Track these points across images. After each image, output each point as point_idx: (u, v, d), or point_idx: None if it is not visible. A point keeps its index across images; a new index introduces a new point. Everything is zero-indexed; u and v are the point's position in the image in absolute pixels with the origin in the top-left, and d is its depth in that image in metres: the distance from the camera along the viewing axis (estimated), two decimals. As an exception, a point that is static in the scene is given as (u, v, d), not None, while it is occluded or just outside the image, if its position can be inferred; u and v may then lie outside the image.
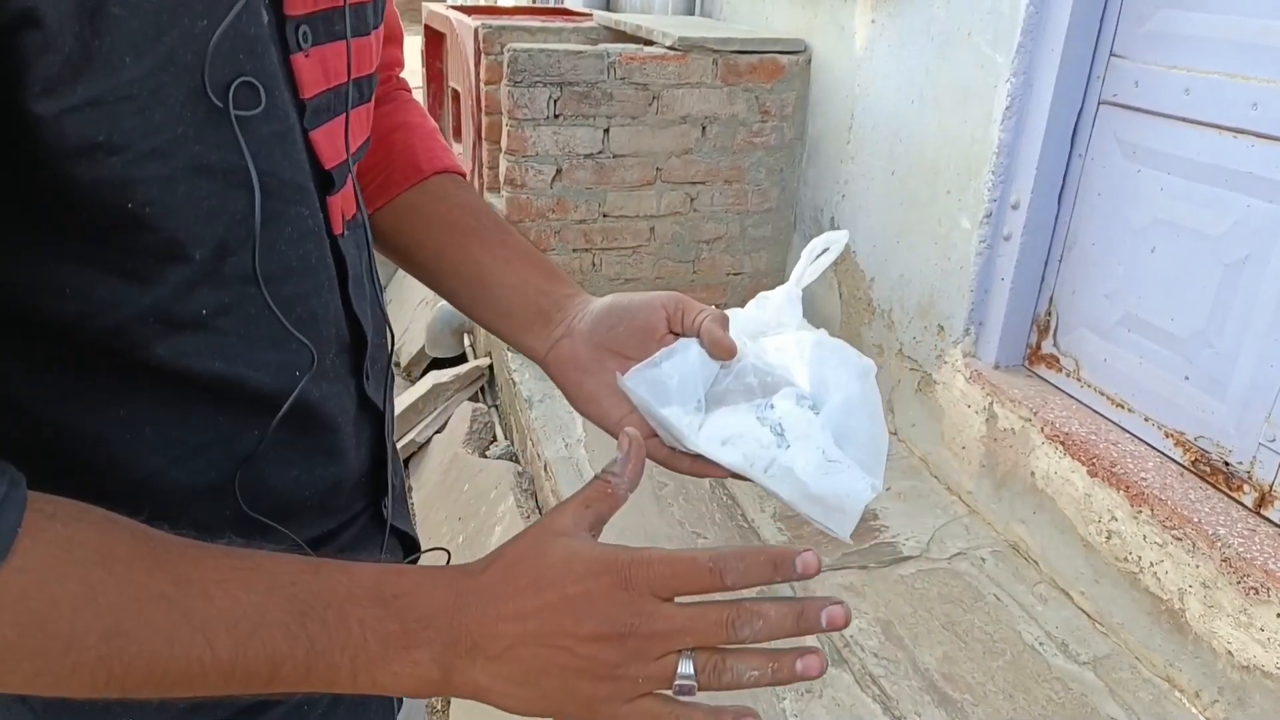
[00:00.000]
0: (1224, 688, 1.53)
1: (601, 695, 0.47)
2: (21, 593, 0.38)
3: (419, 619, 0.46)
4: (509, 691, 0.47)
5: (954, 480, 2.23)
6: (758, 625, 0.47)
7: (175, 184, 0.43)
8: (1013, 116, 1.99)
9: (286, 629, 0.44)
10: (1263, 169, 1.57)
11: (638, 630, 0.46)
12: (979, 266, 2.13)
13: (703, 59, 2.71)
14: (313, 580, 0.45)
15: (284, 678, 0.44)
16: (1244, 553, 1.50)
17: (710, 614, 0.47)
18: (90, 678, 0.41)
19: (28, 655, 0.39)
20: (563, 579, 0.47)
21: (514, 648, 0.47)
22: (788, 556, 0.48)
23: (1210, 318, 1.69)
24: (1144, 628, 1.69)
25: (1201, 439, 1.72)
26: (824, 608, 0.48)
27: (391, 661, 0.46)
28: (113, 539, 0.42)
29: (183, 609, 0.42)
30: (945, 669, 1.65)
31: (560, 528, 0.50)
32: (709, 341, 0.64)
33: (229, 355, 0.50)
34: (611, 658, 0.46)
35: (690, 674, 0.47)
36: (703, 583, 0.47)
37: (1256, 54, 1.57)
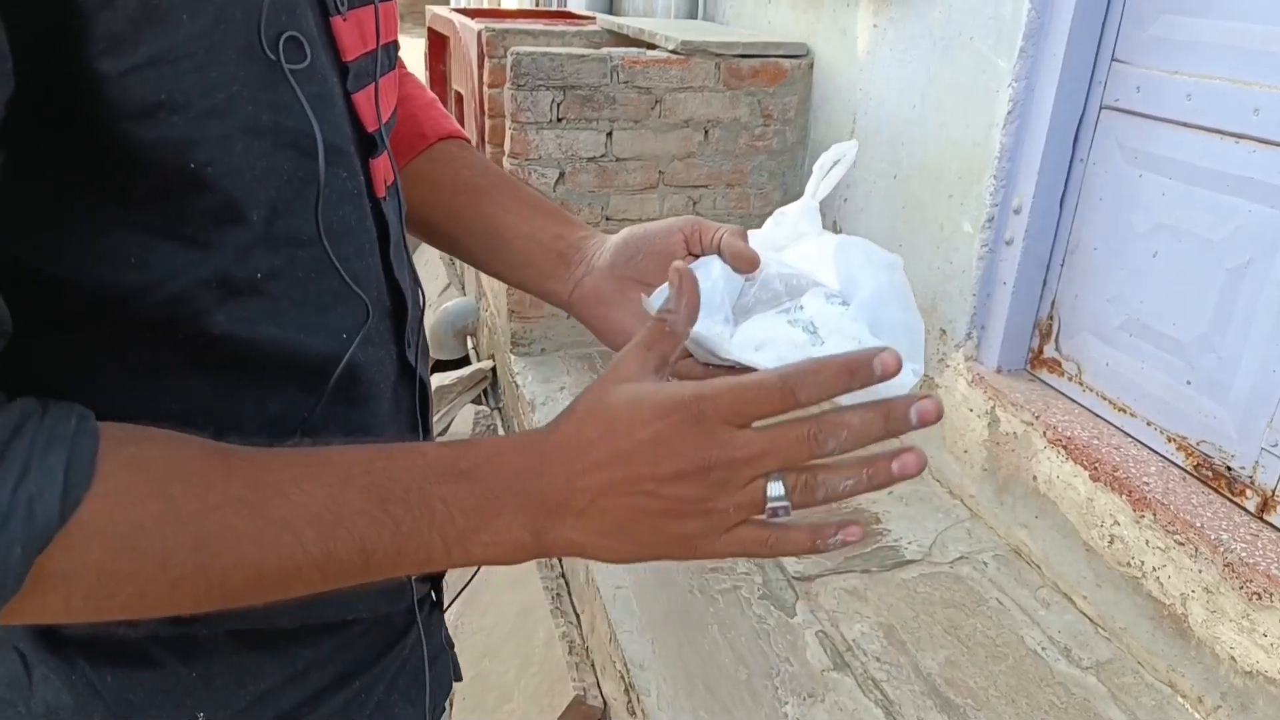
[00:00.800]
0: (1227, 693, 1.53)
1: (695, 531, 0.46)
2: (109, 516, 0.39)
3: (499, 487, 0.46)
4: (603, 544, 0.47)
5: (956, 484, 2.23)
6: (842, 435, 0.46)
7: (233, 143, 0.44)
8: (1015, 121, 2.00)
9: (370, 515, 0.44)
10: (1264, 174, 1.57)
11: (717, 461, 0.45)
12: (981, 270, 2.13)
13: (705, 63, 2.72)
14: (388, 465, 0.45)
15: (378, 563, 0.44)
16: (1247, 558, 1.50)
17: (790, 431, 0.45)
18: (192, 591, 0.41)
19: (127, 577, 0.40)
20: (631, 424, 0.46)
21: (597, 500, 0.46)
22: (864, 360, 0.46)
23: (1212, 322, 1.69)
24: (1147, 633, 1.70)
25: (1204, 443, 1.72)
26: (911, 404, 0.46)
27: (481, 531, 0.46)
28: (183, 453, 0.42)
29: (263, 510, 0.42)
30: (947, 673, 1.65)
31: (624, 374, 0.49)
32: (730, 255, 0.63)
33: (282, 320, 0.50)
34: (696, 493, 0.45)
35: (781, 494, 0.46)
36: (775, 403, 0.45)
37: (1258, 60, 1.57)
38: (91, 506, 0.38)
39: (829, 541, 0.48)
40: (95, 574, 0.39)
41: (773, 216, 0.67)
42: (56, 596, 0.39)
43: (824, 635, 1.73)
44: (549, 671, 1.91)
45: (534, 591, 2.14)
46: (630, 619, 1.76)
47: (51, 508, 0.37)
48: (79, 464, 0.39)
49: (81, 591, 0.40)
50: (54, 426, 0.39)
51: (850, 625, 1.76)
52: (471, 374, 3.36)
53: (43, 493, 0.37)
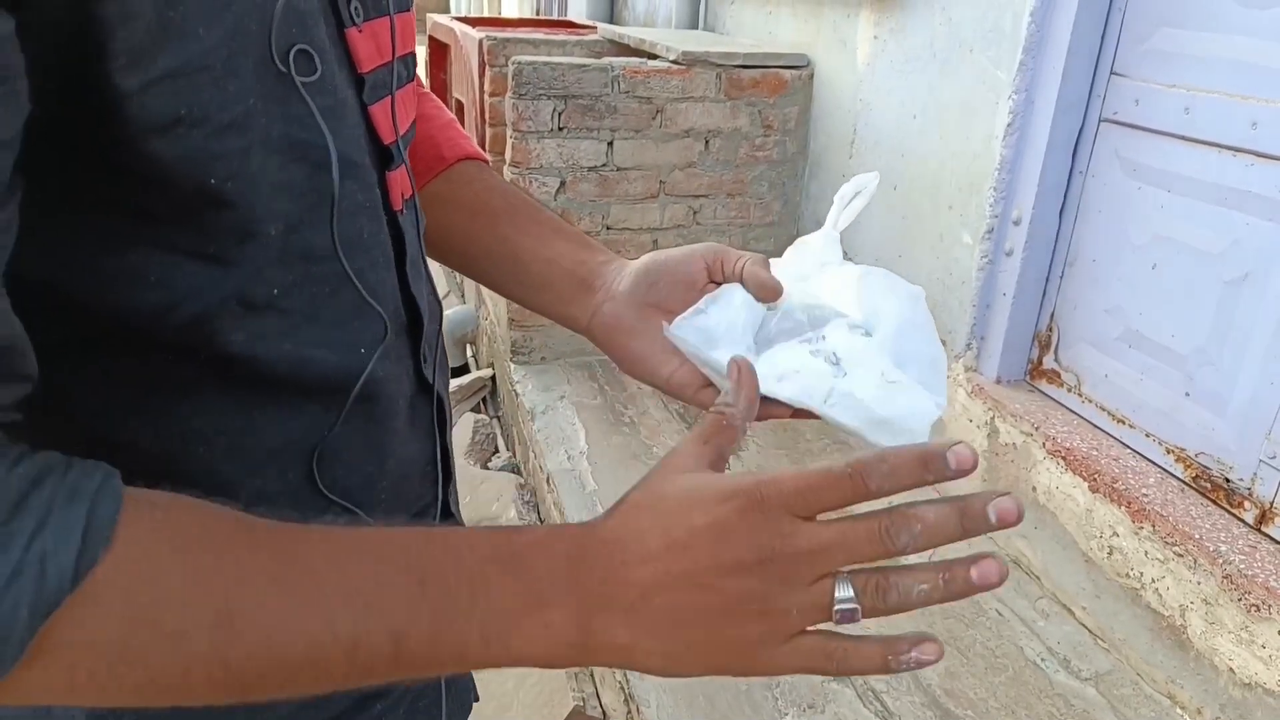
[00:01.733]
0: (1225, 705, 1.54)
1: (754, 637, 0.42)
2: (127, 585, 0.36)
3: (547, 576, 0.43)
4: (654, 648, 0.43)
5: (955, 494, 2.23)
6: (916, 529, 0.42)
7: (251, 157, 0.43)
8: (1014, 133, 2.01)
9: (408, 597, 0.41)
10: (1262, 188, 1.58)
11: (780, 552, 0.41)
12: (980, 281, 2.14)
13: (706, 73, 2.73)
14: (427, 546, 0.43)
15: (410, 652, 0.41)
16: (1245, 569, 1.50)
17: (860, 525, 0.42)
18: (206, 674, 0.38)
19: (138, 656, 0.37)
20: (689, 513, 0.43)
21: (648, 595, 0.42)
22: (938, 451, 0.42)
23: (1211, 334, 1.70)
24: (1145, 644, 1.70)
25: (1202, 455, 1.73)
26: (990, 501, 0.42)
27: (523, 624, 0.42)
28: (213, 521, 0.40)
29: (293, 587, 0.39)
30: (947, 684, 1.65)
31: (680, 466, 0.46)
32: (753, 284, 0.62)
33: (298, 336, 0.49)
34: (756, 588, 0.42)
35: (850, 596, 0.42)
36: (844, 493, 0.42)
37: (1256, 74, 1.58)
38: (108, 570, 0.36)
39: (902, 660, 0.44)
40: (105, 647, 0.36)
41: (794, 245, 0.67)
42: (60, 671, 0.36)
43: (823, 645, 1.73)
44: (548, 682, 1.91)
45: (533, 600, 2.15)
46: (630, 629, 1.76)
47: (66, 567, 0.34)
48: (100, 523, 0.36)
49: (87, 668, 0.36)
50: (76, 482, 0.36)
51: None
52: (471, 382, 3.37)
53: (58, 550, 0.34)
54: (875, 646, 0.43)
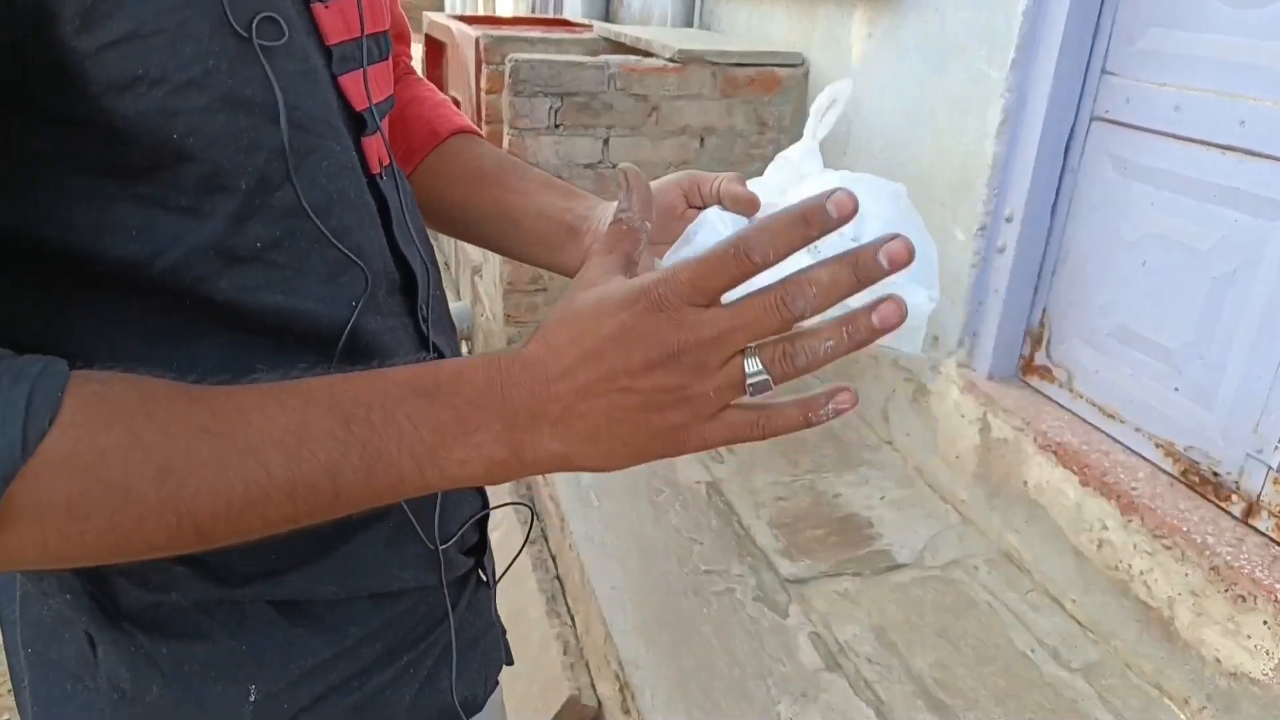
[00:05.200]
0: (1212, 694, 1.56)
1: (679, 421, 0.45)
2: (72, 448, 0.39)
3: (468, 402, 0.45)
4: (588, 450, 0.46)
5: (948, 489, 2.26)
6: (811, 293, 0.43)
7: (213, 114, 0.46)
8: (1007, 131, 2.03)
9: (334, 436, 0.43)
10: (1250, 185, 1.60)
11: (686, 344, 0.43)
12: (973, 278, 2.16)
13: (702, 71, 2.74)
14: (348, 386, 0.45)
15: (349, 487, 0.44)
16: (1232, 561, 1.53)
17: (756, 301, 0.43)
18: (161, 524, 0.41)
19: (93, 510, 0.40)
20: (598, 322, 0.44)
21: (573, 405, 0.45)
22: (816, 204, 0.42)
23: (1199, 330, 1.72)
24: (1134, 635, 1.72)
25: (1191, 449, 1.75)
26: (880, 247, 0.43)
27: (454, 449, 0.44)
28: (148, 387, 0.43)
29: (226, 436, 0.42)
30: (938, 675, 1.67)
31: (589, 280, 0.48)
32: (730, 200, 0.63)
33: (286, 288, 0.52)
34: (673, 380, 0.44)
35: (760, 369, 0.44)
36: (733, 271, 0.43)
37: (1245, 73, 1.60)
38: (55, 437, 0.39)
39: (821, 413, 0.46)
40: (64, 507, 0.40)
41: (773, 161, 0.67)
42: (31, 532, 0.40)
43: (816, 637, 1.75)
44: (544, 672, 1.93)
45: (529, 592, 2.16)
46: (625, 619, 1.78)
47: (14, 436, 0.38)
48: (43, 396, 0.39)
49: (54, 526, 0.40)
50: (21, 367, 0.40)
51: (843, 627, 1.78)
52: (467, 378, 3.37)
53: (4, 422, 0.38)
54: (794, 407, 0.46)
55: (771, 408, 0.46)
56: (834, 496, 2.24)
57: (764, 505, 2.19)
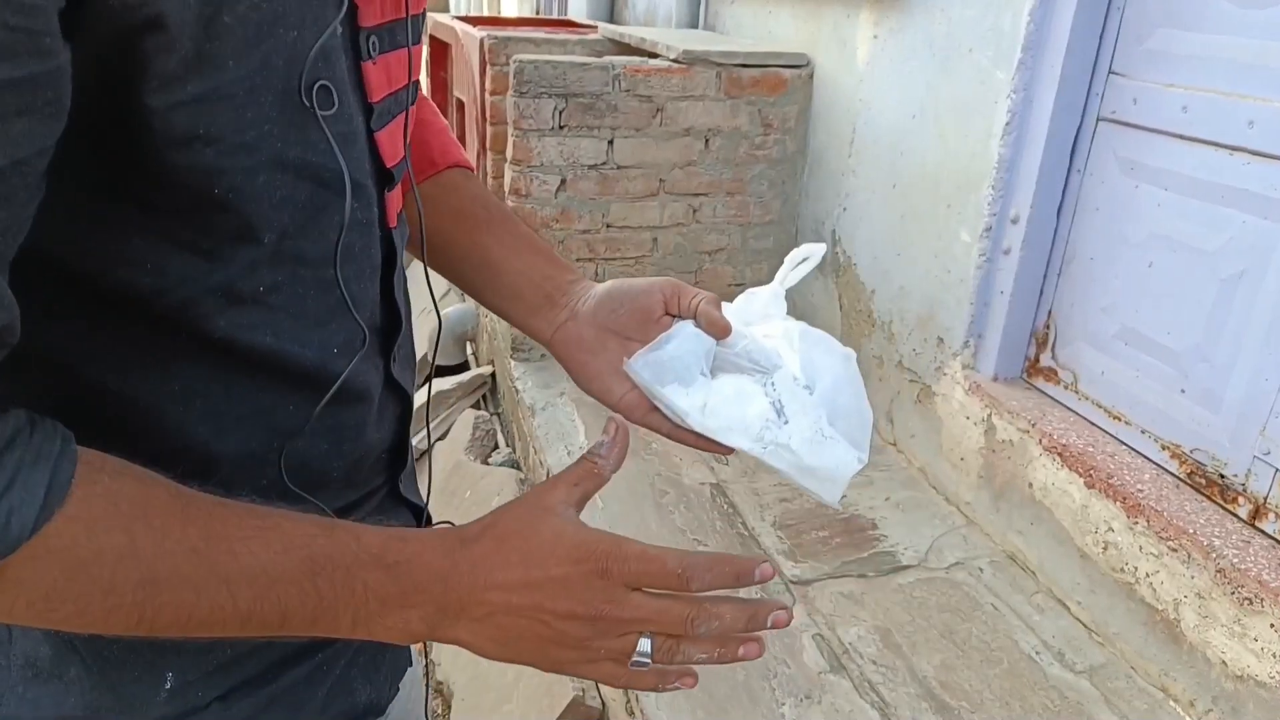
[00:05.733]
0: (1218, 697, 1.55)
1: (567, 659, 0.54)
2: (72, 540, 0.42)
3: (416, 585, 0.51)
4: (485, 647, 0.54)
5: (952, 491, 2.25)
6: (714, 625, 0.54)
7: (257, 174, 0.48)
8: (1013, 132, 2.02)
9: (300, 586, 0.48)
10: (1258, 186, 1.60)
11: (607, 615, 0.52)
12: (978, 280, 2.16)
13: (706, 72, 2.74)
14: (326, 543, 0.50)
15: (292, 625, 0.49)
16: (1238, 564, 1.52)
17: (675, 610, 0.54)
18: (124, 619, 0.45)
19: (71, 597, 0.43)
20: (548, 559, 0.52)
21: (495, 615, 0.52)
22: (748, 568, 0.55)
23: (1206, 332, 1.72)
24: (1139, 637, 1.71)
25: (1197, 451, 1.75)
26: (771, 611, 0.55)
27: (387, 618, 0.51)
28: (152, 494, 0.46)
29: (211, 563, 0.46)
30: (943, 677, 1.67)
31: (550, 503, 0.55)
32: (706, 322, 0.69)
33: (279, 330, 0.54)
34: (581, 633, 0.53)
35: (647, 652, 0.54)
36: (670, 585, 0.53)
37: (1253, 73, 1.60)
38: (58, 527, 0.42)
39: (668, 686, 0.56)
40: (46, 588, 0.42)
41: (743, 295, 0.74)
42: (4, 598, 0.42)
43: (821, 638, 1.75)
44: (548, 674, 1.92)
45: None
46: (629, 621, 1.77)
47: (27, 521, 0.41)
48: (58, 485, 0.42)
49: (26, 600, 0.43)
50: (41, 446, 0.42)
51: (847, 629, 1.78)
52: (471, 379, 3.37)
53: (23, 507, 0.40)
54: (650, 676, 0.56)
55: (634, 671, 0.55)
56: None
57: (768, 507, 2.18)
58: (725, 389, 0.67)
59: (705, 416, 0.66)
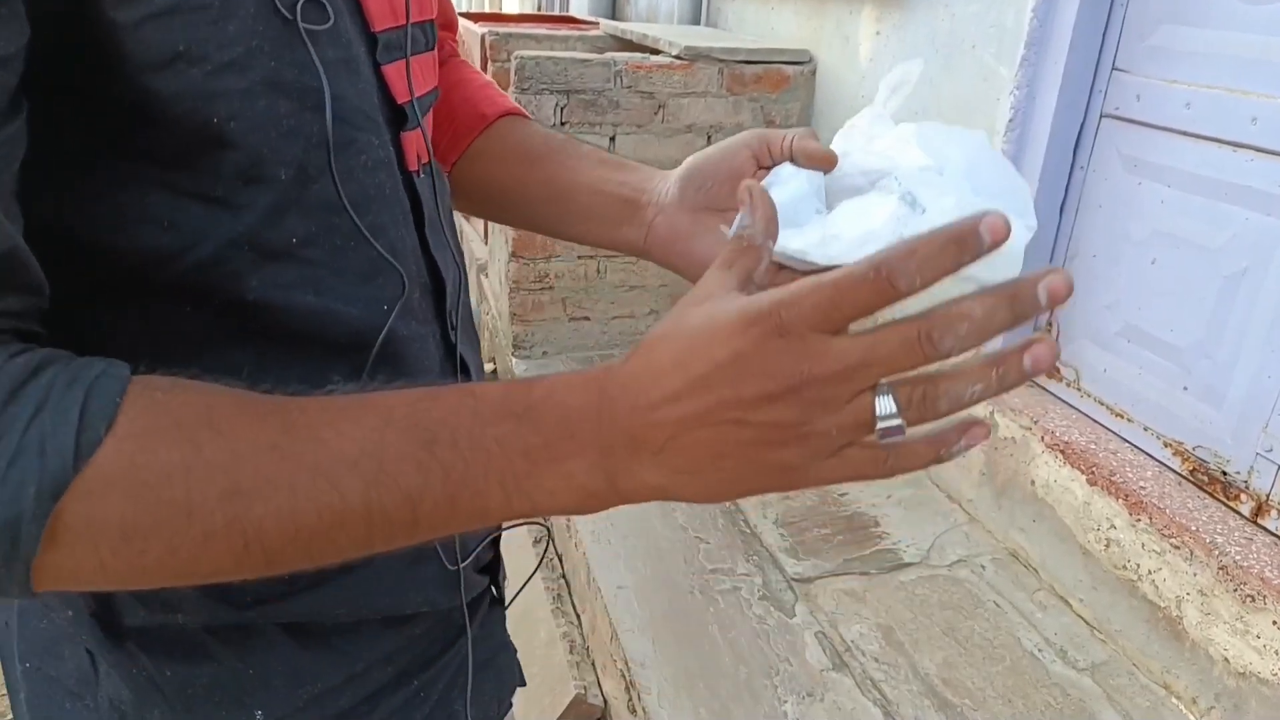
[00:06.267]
0: (1220, 694, 1.55)
1: (795, 460, 0.39)
2: (130, 461, 0.37)
3: (562, 427, 0.40)
4: (690, 483, 0.41)
5: (955, 488, 2.25)
6: (962, 330, 0.37)
7: (254, 98, 0.44)
8: (1016, 129, 2.02)
9: (416, 460, 0.39)
10: (1261, 183, 1.59)
11: (810, 377, 0.37)
12: (981, 276, 2.15)
13: (708, 68, 2.74)
14: (432, 406, 0.41)
15: (429, 514, 0.40)
16: (1241, 561, 1.52)
17: (896, 334, 0.37)
18: (228, 547, 0.38)
19: (153, 530, 0.37)
20: (708, 346, 0.39)
21: (678, 436, 0.39)
22: (969, 229, 0.36)
23: (1209, 329, 1.71)
24: (1142, 635, 1.71)
25: (1200, 448, 1.74)
26: (1039, 281, 0.37)
27: (544, 477, 0.41)
28: (214, 399, 0.40)
29: (297, 455, 0.39)
30: (945, 674, 1.67)
31: (703, 294, 0.42)
32: (804, 156, 0.60)
33: (320, 287, 0.50)
34: (791, 416, 0.38)
35: (893, 411, 0.38)
36: (870, 297, 0.37)
37: (1256, 69, 1.59)
38: (110, 449, 0.36)
39: (953, 450, 0.40)
40: (119, 525, 0.37)
41: (842, 130, 0.63)
42: (86, 550, 0.37)
43: (823, 636, 1.75)
44: (550, 670, 1.93)
45: (535, 592, 2.16)
46: (631, 618, 1.78)
47: (65, 447, 0.35)
48: (98, 404, 0.36)
49: (109, 545, 0.37)
50: (78, 371, 0.37)
51: (849, 626, 1.78)
52: (473, 375, 3.38)
53: (56, 432, 0.35)
54: (924, 444, 0.40)
55: (899, 446, 0.40)
56: (840, 495, 2.24)
57: (770, 504, 2.18)
58: (845, 211, 0.56)
59: (828, 245, 0.54)
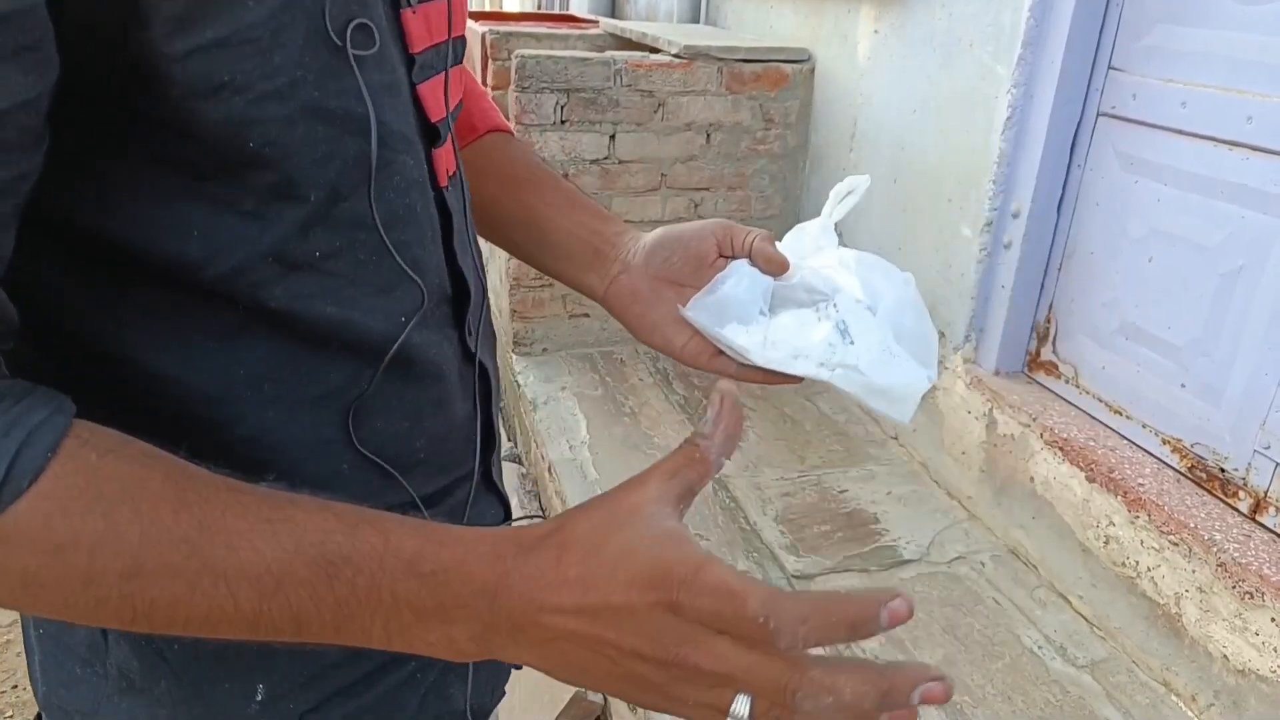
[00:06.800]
0: (1220, 691, 1.56)
1: (651, 701, 0.43)
2: (44, 521, 0.38)
3: (456, 599, 0.43)
4: (555, 673, 0.44)
5: (954, 485, 2.26)
6: (826, 703, 0.39)
7: (293, 125, 0.46)
8: (1013, 127, 2.02)
9: (312, 589, 0.41)
10: (1257, 181, 1.60)
11: (680, 659, 0.40)
12: (979, 274, 2.16)
13: (708, 67, 2.74)
14: (344, 542, 0.42)
15: (313, 633, 0.43)
16: (1239, 558, 1.52)
17: (768, 673, 0.39)
18: (116, 612, 0.40)
19: (50, 584, 0.39)
20: (609, 582, 0.41)
21: (556, 642, 0.43)
22: (868, 611, 0.38)
23: (1206, 326, 1.72)
24: (1141, 632, 1.72)
25: (1198, 445, 1.75)
26: (918, 684, 0.39)
27: (426, 633, 0.43)
28: (144, 474, 0.41)
29: (204, 557, 0.40)
30: (945, 671, 1.67)
31: (636, 503, 0.44)
32: (761, 259, 0.67)
33: (340, 299, 0.52)
34: (657, 678, 0.41)
35: (744, 717, 0.40)
36: (753, 635, 0.39)
37: (1252, 69, 1.60)
38: (27, 506, 0.38)
39: None
40: (19, 575, 0.39)
41: (792, 231, 0.72)
42: None
43: (823, 633, 1.75)
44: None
45: (536, 589, 2.17)
46: (632, 616, 1.78)
47: None
48: (29, 454, 0.38)
49: (7, 587, 0.39)
50: (21, 415, 0.38)
51: (849, 623, 1.78)
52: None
53: None
54: None
55: None
56: (840, 492, 2.24)
57: (770, 501, 2.19)
58: (786, 321, 0.65)
59: (768, 349, 0.64)
